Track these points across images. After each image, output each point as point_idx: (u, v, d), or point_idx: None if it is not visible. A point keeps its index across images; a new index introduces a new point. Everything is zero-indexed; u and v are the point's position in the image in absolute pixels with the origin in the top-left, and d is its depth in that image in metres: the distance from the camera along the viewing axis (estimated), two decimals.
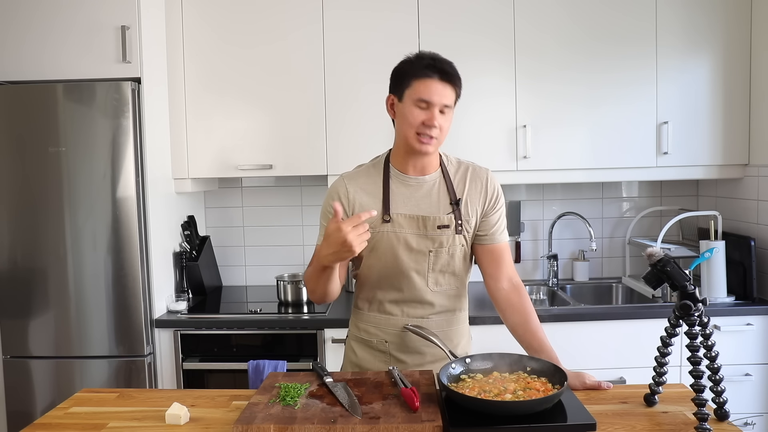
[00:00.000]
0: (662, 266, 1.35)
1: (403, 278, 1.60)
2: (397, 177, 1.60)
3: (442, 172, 1.61)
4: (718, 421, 1.32)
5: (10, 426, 2.44)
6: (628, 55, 2.61)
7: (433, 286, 1.61)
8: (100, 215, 2.36)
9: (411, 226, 1.57)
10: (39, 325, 2.40)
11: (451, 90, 1.52)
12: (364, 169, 1.65)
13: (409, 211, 1.57)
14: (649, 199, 3.07)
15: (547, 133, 2.64)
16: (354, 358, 1.71)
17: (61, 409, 1.47)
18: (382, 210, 1.57)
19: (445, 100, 1.50)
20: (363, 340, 1.68)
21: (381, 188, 1.59)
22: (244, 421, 1.26)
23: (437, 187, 1.60)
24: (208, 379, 2.45)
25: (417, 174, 1.60)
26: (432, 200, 1.59)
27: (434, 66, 1.50)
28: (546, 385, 1.32)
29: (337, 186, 1.62)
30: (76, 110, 2.34)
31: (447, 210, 1.58)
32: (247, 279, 3.12)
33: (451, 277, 1.62)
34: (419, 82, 1.50)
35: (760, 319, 2.41)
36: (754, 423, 2.41)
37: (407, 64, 1.54)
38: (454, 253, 1.59)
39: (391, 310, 1.63)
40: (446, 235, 1.57)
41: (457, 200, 1.58)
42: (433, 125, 1.50)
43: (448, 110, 1.53)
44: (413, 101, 1.50)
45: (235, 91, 2.65)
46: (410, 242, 1.57)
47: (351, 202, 1.59)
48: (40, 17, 2.39)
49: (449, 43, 2.60)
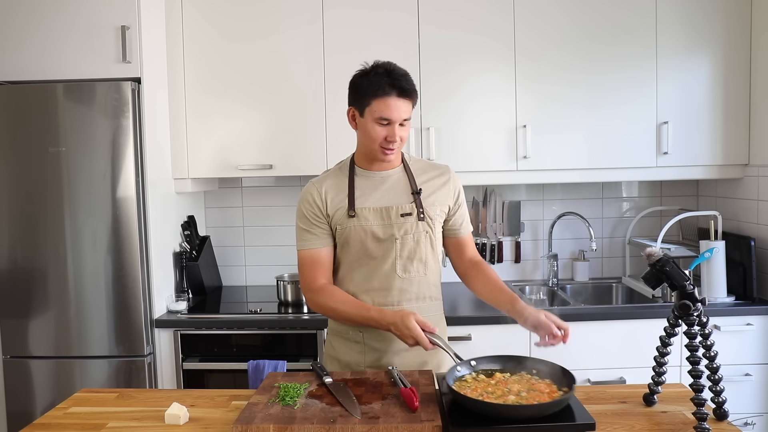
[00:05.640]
0: (661, 266, 1.36)
1: (373, 267, 1.67)
2: (362, 174, 1.70)
3: (404, 167, 1.73)
4: (717, 420, 1.32)
5: (10, 426, 2.44)
6: (628, 55, 2.61)
7: (401, 273, 1.68)
8: (100, 215, 2.36)
9: (376, 217, 1.66)
10: (39, 325, 2.40)
11: (409, 103, 1.60)
12: (332, 172, 1.75)
13: (374, 204, 1.67)
14: (649, 199, 3.07)
15: (547, 133, 2.64)
16: (332, 351, 1.77)
17: (61, 409, 1.47)
18: (347, 206, 1.66)
19: (404, 115, 1.59)
20: (339, 332, 1.75)
21: (347, 188, 1.68)
22: (243, 421, 1.26)
23: (400, 180, 1.71)
24: (208, 379, 2.45)
25: (380, 170, 1.71)
26: (395, 192, 1.69)
27: (392, 84, 1.57)
28: (551, 387, 1.32)
29: (309, 189, 1.71)
30: (76, 110, 2.34)
31: (409, 200, 1.68)
32: (247, 279, 3.12)
33: (419, 264, 1.69)
34: (378, 101, 1.57)
35: (760, 319, 2.41)
36: (754, 423, 2.41)
37: (365, 80, 1.60)
38: (419, 239, 1.68)
39: (363, 299, 1.68)
40: (409, 222, 1.66)
41: (418, 190, 1.68)
42: (394, 140, 1.60)
43: (407, 122, 1.62)
44: (374, 119, 1.59)
45: (235, 91, 2.65)
46: (377, 233, 1.66)
47: (323, 200, 1.68)
48: (40, 17, 2.39)
49: (449, 43, 2.61)
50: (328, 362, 1.78)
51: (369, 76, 1.60)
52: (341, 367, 1.73)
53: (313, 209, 1.68)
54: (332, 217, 1.67)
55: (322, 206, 1.67)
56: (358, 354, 1.70)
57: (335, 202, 1.67)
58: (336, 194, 1.68)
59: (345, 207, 1.66)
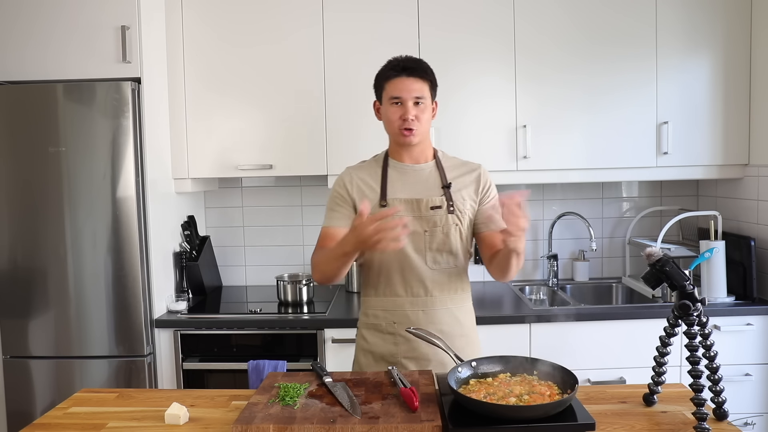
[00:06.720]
0: (661, 266, 1.36)
1: (404, 259, 1.71)
2: (395, 166, 1.77)
3: (436, 163, 1.78)
4: (717, 420, 1.32)
5: (10, 426, 2.44)
6: (628, 55, 2.61)
7: (431, 264, 1.72)
8: (100, 215, 2.36)
9: (407, 208, 1.70)
10: (39, 325, 2.41)
11: (421, 83, 1.68)
12: (367, 163, 1.83)
13: (405, 195, 1.72)
14: (649, 199, 3.07)
15: (547, 133, 2.64)
16: (365, 344, 1.79)
17: (61, 409, 1.47)
18: (379, 197, 1.72)
19: (414, 93, 1.67)
20: (372, 325, 1.78)
21: (380, 178, 1.75)
22: (243, 421, 1.26)
23: (431, 174, 1.75)
24: (208, 379, 2.45)
25: (412, 162, 1.76)
26: (426, 185, 1.74)
27: (399, 65, 1.69)
28: (552, 389, 1.32)
29: (342, 175, 1.80)
30: (76, 110, 2.34)
31: (439, 193, 1.72)
32: (247, 279, 3.12)
33: (449, 256, 1.73)
34: (389, 83, 1.69)
35: (760, 319, 2.41)
36: (754, 423, 2.41)
37: (381, 70, 1.74)
38: (449, 232, 1.71)
39: (396, 291, 1.73)
40: (439, 215, 1.70)
41: (448, 184, 1.73)
42: (408, 118, 1.66)
43: (422, 101, 1.68)
44: (388, 101, 1.70)
45: (235, 91, 2.65)
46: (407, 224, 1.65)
47: (353, 188, 1.75)
48: (40, 18, 2.39)
49: (449, 44, 2.61)
50: (361, 356, 1.80)
51: (384, 66, 1.72)
52: (375, 359, 1.76)
53: (340, 193, 1.76)
54: (357, 205, 1.73)
55: (349, 192, 1.75)
56: (392, 345, 1.73)
57: (363, 192, 1.74)
58: (366, 184, 1.75)
59: (374, 197, 1.72)
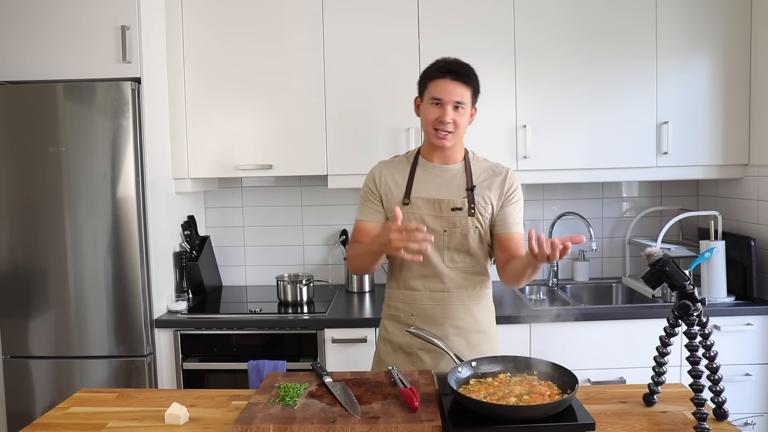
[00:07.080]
0: (661, 266, 1.36)
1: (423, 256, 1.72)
2: (424, 165, 1.81)
3: (465, 164, 1.80)
4: (717, 420, 1.32)
5: (10, 426, 2.44)
6: (628, 55, 2.61)
7: (449, 263, 1.76)
8: (100, 215, 2.36)
9: (428, 207, 1.75)
10: (39, 325, 2.41)
11: (464, 88, 1.70)
12: (398, 159, 1.88)
13: (429, 194, 1.76)
14: (649, 199, 3.07)
15: (547, 133, 2.64)
16: (385, 333, 1.87)
17: (61, 409, 1.48)
18: (403, 194, 1.76)
19: (455, 97, 1.69)
20: (393, 316, 1.84)
21: (407, 176, 1.79)
22: (243, 421, 1.26)
23: (458, 176, 1.78)
24: (208, 379, 2.45)
25: (441, 163, 1.80)
26: (451, 186, 1.77)
27: (445, 67, 1.71)
28: (552, 389, 1.32)
29: (374, 169, 1.86)
30: (76, 110, 2.34)
31: (462, 195, 1.75)
32: (247, 279, 3.12)
33: (467, 256, 1.77)
34: (433, 83, 1.71)
35: (760, 319, 2.41)
36: (754, 423, 2.41)
37: (428, 68, 1.76)
38: (467, 233, 1.74)
39: (414, 285, 1.79)
40: (459, 216, 1.73)
41: (472, 186, 1.75)
42: (445, 121, 1.69)
43: (462, 106, 1.70)
44: (429, 100, 1.72)
45: (235, 91, 2.65)
46: (427, 222, 1.74)
47: (381, 184, 1.81)
48: (41, 18, 2.39)
49: (449, 45, 2.60)
50: (381, 344, 1.88)
51: (431, 65, 1.75)
52: (393, 348, 1.82)
53: (370, 187, 1.82)
54: (383, 200, 1.79)
55: (377, 186, 1.81)
56: (409, 337, 1.76)
57: (389, 187, 1.79)
58: (393, 180, 1.79)
59: (398, 194, 1.76)
